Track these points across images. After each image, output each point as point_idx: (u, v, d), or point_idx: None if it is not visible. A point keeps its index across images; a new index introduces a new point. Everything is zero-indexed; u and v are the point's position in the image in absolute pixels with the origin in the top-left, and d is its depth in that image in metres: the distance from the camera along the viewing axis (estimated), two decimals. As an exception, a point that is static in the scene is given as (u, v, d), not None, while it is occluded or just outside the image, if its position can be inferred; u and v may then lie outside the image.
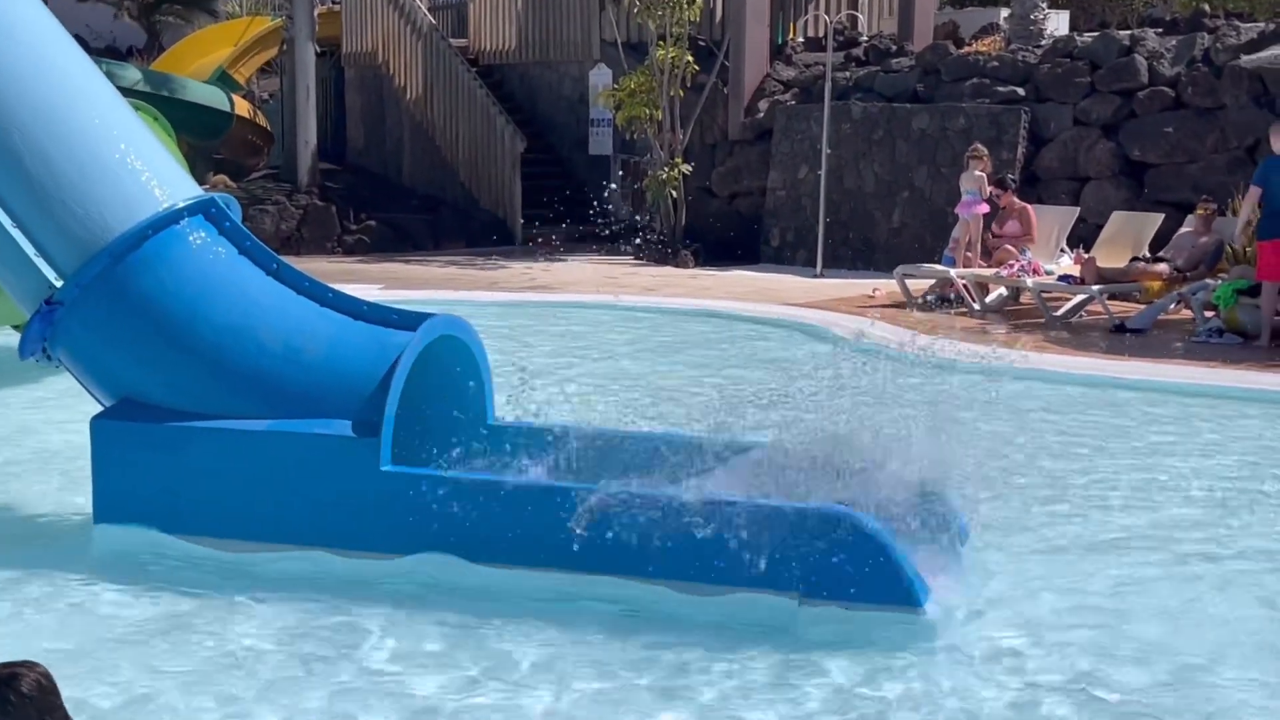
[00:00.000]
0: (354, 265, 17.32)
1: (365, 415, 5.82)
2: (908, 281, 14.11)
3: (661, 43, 17.75)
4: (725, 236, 18.32)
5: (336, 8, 23.38)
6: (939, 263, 14.40)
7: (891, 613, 5.09)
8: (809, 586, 5.19)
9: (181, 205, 6.22)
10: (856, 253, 17.41)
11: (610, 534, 5.38)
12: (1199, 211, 13.21)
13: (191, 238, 6.19)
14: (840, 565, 5.13)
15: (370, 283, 14.17)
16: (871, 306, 13.82)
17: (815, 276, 16.60)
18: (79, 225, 6.11)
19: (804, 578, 5.20)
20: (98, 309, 6.10)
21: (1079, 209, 14.77)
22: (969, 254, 14.14)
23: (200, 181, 11.73)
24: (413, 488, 5.69)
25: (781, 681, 4.77)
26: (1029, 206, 14.36)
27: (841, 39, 18.31)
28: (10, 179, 6.16)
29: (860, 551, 5.12)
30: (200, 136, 19.69)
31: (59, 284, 6.17)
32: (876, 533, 5.18)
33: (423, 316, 6.18)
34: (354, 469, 5.77)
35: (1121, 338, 12.07)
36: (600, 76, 19.95)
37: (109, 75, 8.11)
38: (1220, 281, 12.39)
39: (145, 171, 6.30)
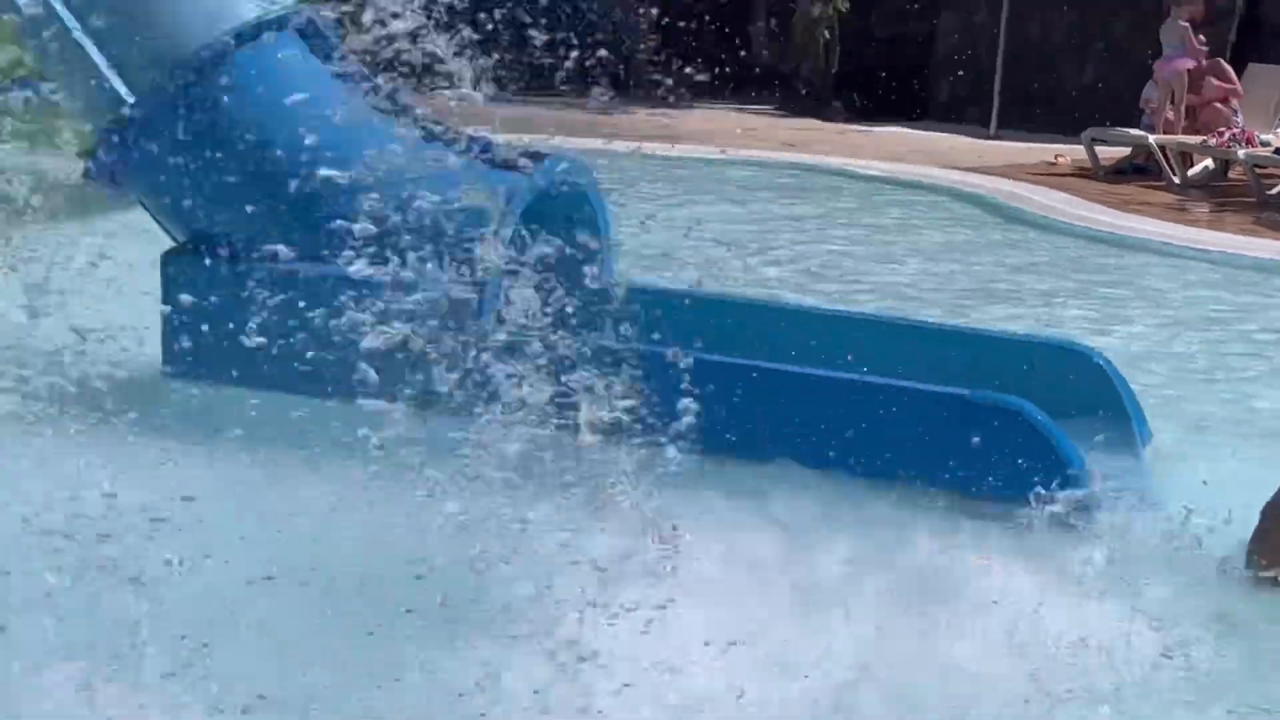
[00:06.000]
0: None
1: None
2: (1097, 147, 14.12)
3: None
4: (884, 87, 18.01)
5: None
6: (1137, 126, 14.31)
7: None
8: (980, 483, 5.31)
9: (272, 16, 6.16)
10: (1038, 112, 17.10)
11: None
12: None
13: (282, 54, 6.13)
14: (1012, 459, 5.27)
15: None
16: (1052, 175, 13.87)
17: (988, 138, 16.63)
18: (158, 35, 6.08)
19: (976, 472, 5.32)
20: (173, 128, 6.01)
21: (1307, 70, 14.72)
22: (1170, 117, 14.10)
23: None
24: None
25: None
26: (1222, 60, 14.34)
27: None
28: None
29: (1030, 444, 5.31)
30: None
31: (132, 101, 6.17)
32: (1047, 427, 5.35)
33: (540, 157, 6.21)
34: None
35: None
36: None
37: None
38: None
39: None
